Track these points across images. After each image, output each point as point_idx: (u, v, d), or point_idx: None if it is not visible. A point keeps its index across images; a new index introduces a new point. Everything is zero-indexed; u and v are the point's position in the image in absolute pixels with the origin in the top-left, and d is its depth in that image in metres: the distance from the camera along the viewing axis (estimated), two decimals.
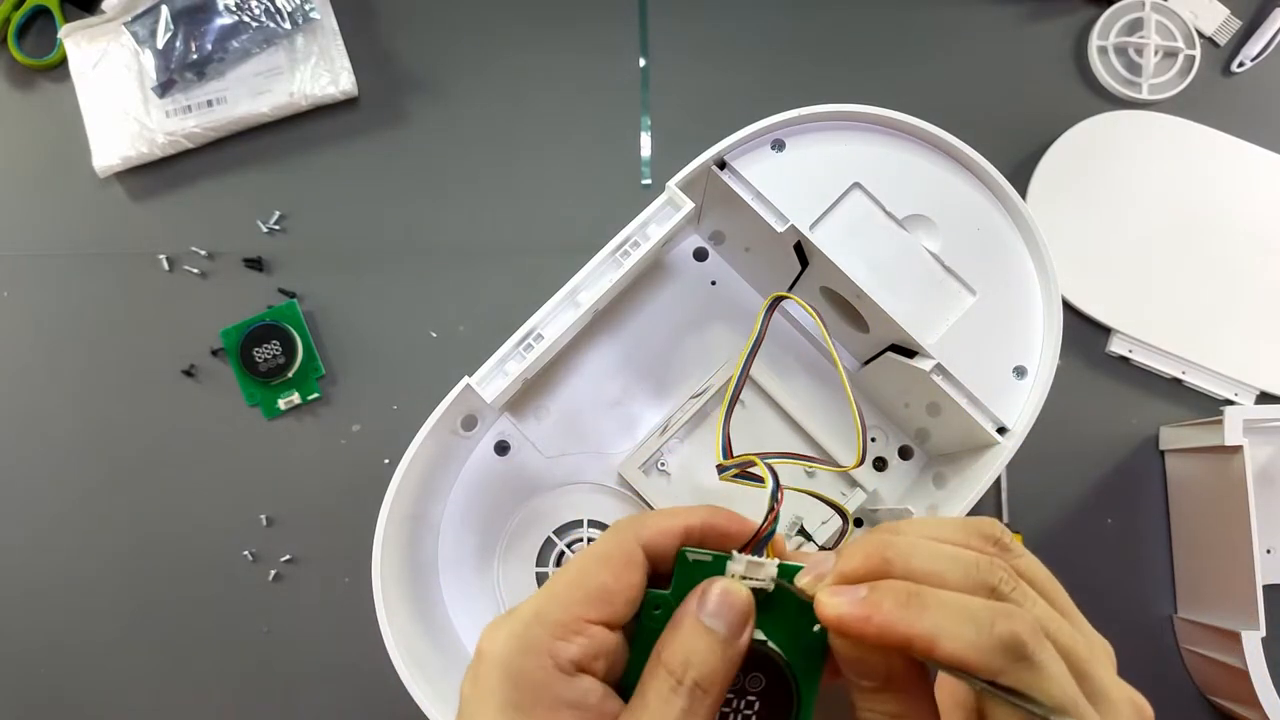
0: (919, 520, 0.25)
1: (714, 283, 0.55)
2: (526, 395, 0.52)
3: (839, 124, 0.46)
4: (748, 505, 0.27)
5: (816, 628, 0.24)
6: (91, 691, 0.55)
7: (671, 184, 0.45)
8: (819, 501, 0.33)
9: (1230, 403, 0.57)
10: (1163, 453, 0.57)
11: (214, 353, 0.56)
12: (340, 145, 0.59)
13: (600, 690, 0.23)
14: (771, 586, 0.24)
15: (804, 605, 0.24)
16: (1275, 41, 0.60)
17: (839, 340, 0.53)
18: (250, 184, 0.58)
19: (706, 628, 0.23)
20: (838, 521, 0.48)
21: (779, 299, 0.32)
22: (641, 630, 0.24)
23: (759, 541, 0.25)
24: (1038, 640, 0.20)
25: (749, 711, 0.25)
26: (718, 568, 0.25)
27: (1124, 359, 0.57)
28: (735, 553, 0.25)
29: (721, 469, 0.29)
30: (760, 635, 0.24)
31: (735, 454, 0.29)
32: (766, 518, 0.25)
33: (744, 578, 0.24)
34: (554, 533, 0.51)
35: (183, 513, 0.56)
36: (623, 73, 0.59)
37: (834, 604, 0.22)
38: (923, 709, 0.23)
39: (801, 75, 0.60)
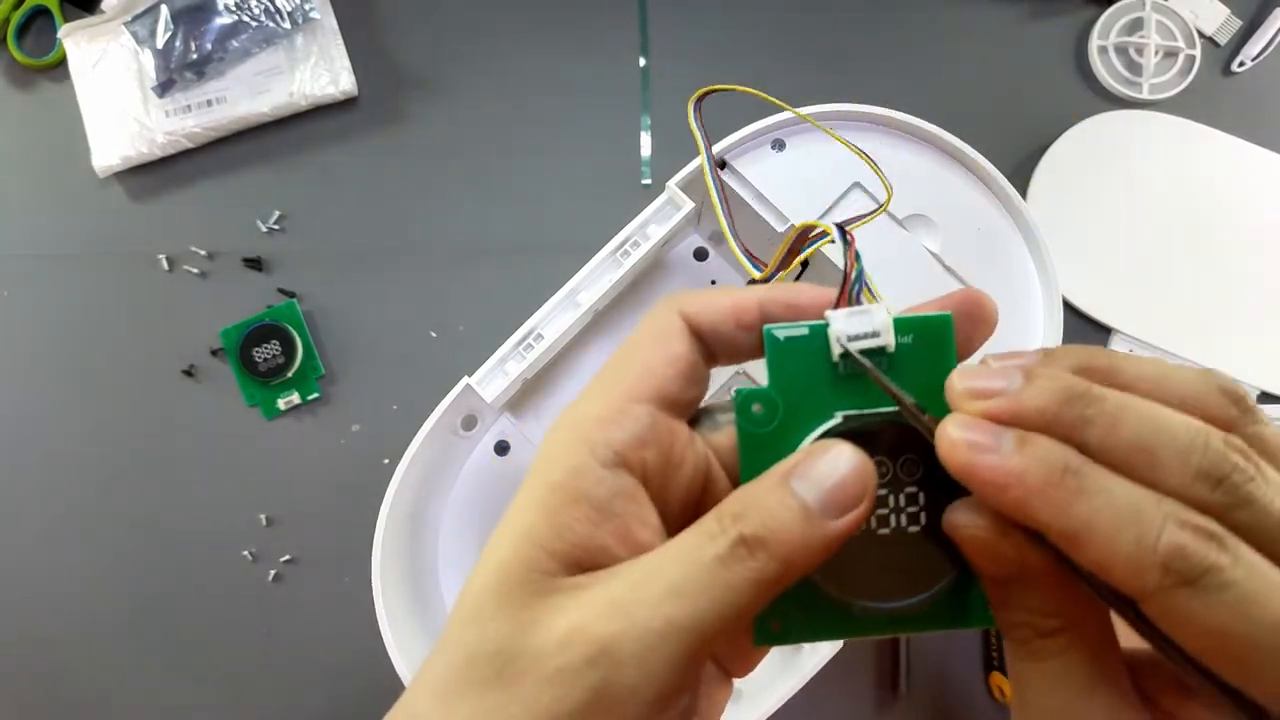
0: (1142, 360, 0.18)
1: (714, 282, 0.55)
2: (526, 395, 0.52)
3: (839, 124, 0.46)
4: None
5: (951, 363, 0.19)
6: (91, 691, 0.55)
7: (671, 184, 0.45)
8: None
9: None
10: None
11: (214, 353, 0.56)
12: (340, 145, 0.59)
13: (637, 494, 0.19)
14: (891, 342, 0.19)
15: (939, 361, 0.19)
16: (1276, 41, 0.60)
17: None
18: (250, 184, 0.58)
19: (791, 489, 0.18)
20: None
21: (703, 95, 0.30)
22: (743, 439, 0.20)
23: (850, 287, 0.20)
24: (1210, 564, 0.15)
25: (913, 508, 0.19)
26: (817, 339, 0.19)
27: None
28: (829, 312, 0.20)
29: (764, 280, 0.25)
30: (898, 404, 0.19)
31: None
32: (845, 258, 0.20)
33: (854, 338, 0.19)
34: None
35: (182, 513, 0.56)
36: (623, 73, 0.59)
37: (964, 447, 0.17)
38: (1087, 611, 0.18)
39: (801, 75, 0.60)
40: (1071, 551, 0.16)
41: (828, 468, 0.18)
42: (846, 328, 0.19)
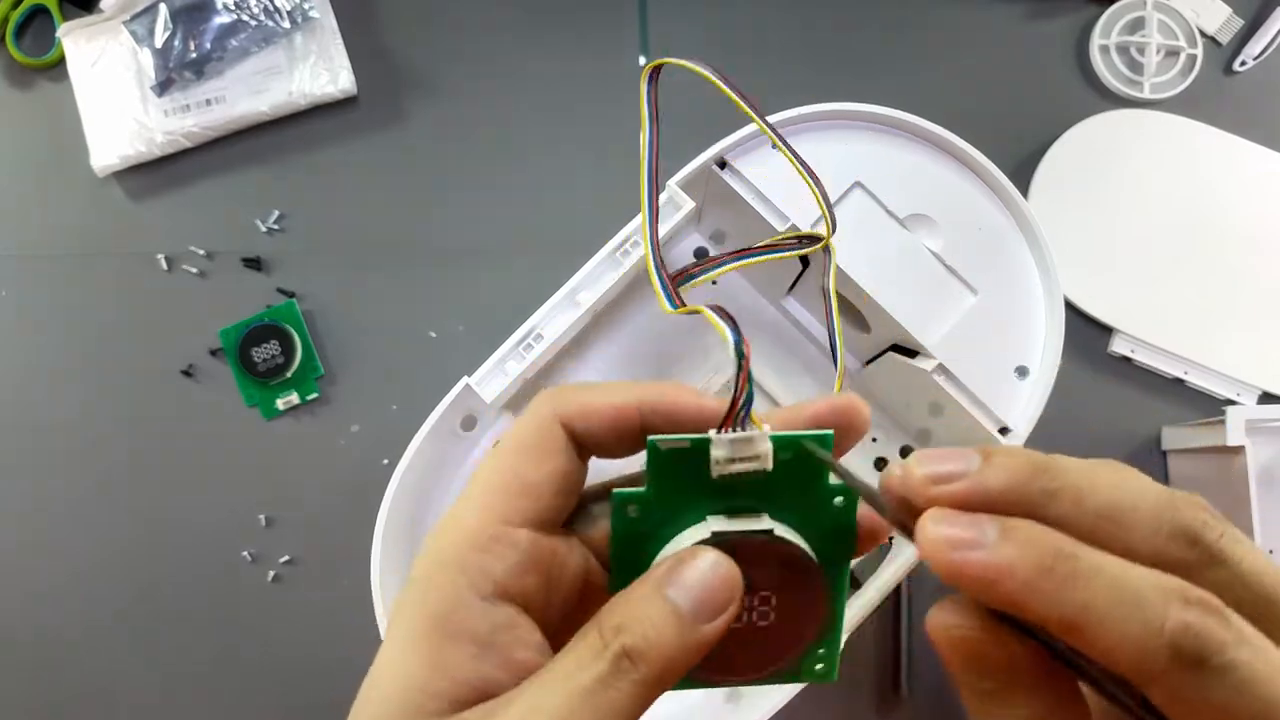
0: (1093, 468, 0.17)
1: (714, 282, 0.54)
2: (526, 395, 0.52)
3: (839, 124, 0.46)
4: None
5: (838, 500, 0.20)
6: (90, 691, 0.54)
7: (671, 184, 0.45)
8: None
9: (1232, 403, 0.57)
10: (1165, 453, 0.57)
11: (213, 353, 0.56)
12: (340, 144, 0.58)
13: (518, 622, 0.19)
14: (770, 465, 0.20)
15: (812, 474, 0.20)
16: (1277, 41, 0.59)
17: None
18: (249, 184, 0.58)
19: (666, 598, 0.18)
20: None
21: (658, 67, 0.30)
22: (616, 539, 0.20)
23: (737, 412, 0.20)
24: (1218, 646, 0.15)
25: (765, 608, 0.20)
26: (698, 454, 0.20)
27: (1126, 359, 0.57)
28: (713, 432, 0.20)
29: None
30: (766, 524, 0.20)
31: (682, 297, 0.26)
32: (738, 379, 0.20)
33: (733, 460, 0.20)
34: None
35: (182, 513, 0.55)
36: (623, 73, 0.59)
37: (946, 545, 0.16)
38: (1071, 707, 0.17)
39: (801, 75, 0.60)
40: (1073, 641, 0.16)
41: (698, 575, 0.18)
42: (728, 453, 0.20)
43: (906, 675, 0.54)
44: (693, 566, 0.18)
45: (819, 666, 0.21)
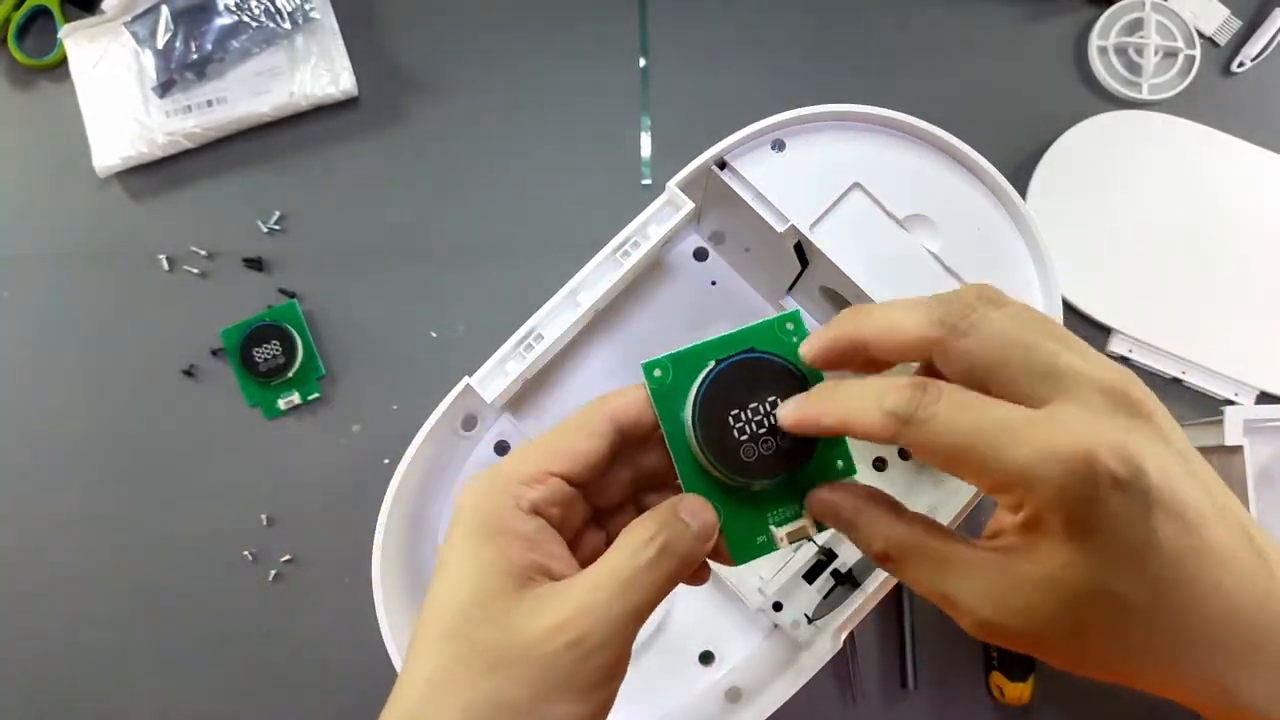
0: (883, 307, 0.27)
1: (714, 283, 0.55)
2: (526, 395, 0.52)
3: (839, 124, 0.46)
4: None
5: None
6: (91, 691, 0.55)
7: (671, 184, 0.45)
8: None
9: (1230, 403, 0.57)
10: None
11: (214, 353, 0.56)
12: (340, 145, 0.59)
13: (549, 531, 0.26)
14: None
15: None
16: (1275, 41, 0.60)
17: None
18: (250, 184, 0.58)
19: (686, 523, 0.26)
20: None
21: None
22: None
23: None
24: (916, 405, 0.23)
25: (773, 409, 0.28)
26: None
27: (1124, 359, 0.57)
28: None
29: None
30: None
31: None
32: None
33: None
34: None
35: (183, 513, 0.56)
36: (623, 73, 0.59)
37: (783, 415, 0.27)
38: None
39: (801, 75, 0.60)
40: (848, 433, 0.25)
41: (701, 512, 0.27)
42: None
43: (913, 669, 0.54)
44: (698, 506, 0.27)
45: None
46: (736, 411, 0.27)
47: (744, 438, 0.27)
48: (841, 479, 0.28)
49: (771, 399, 0.27)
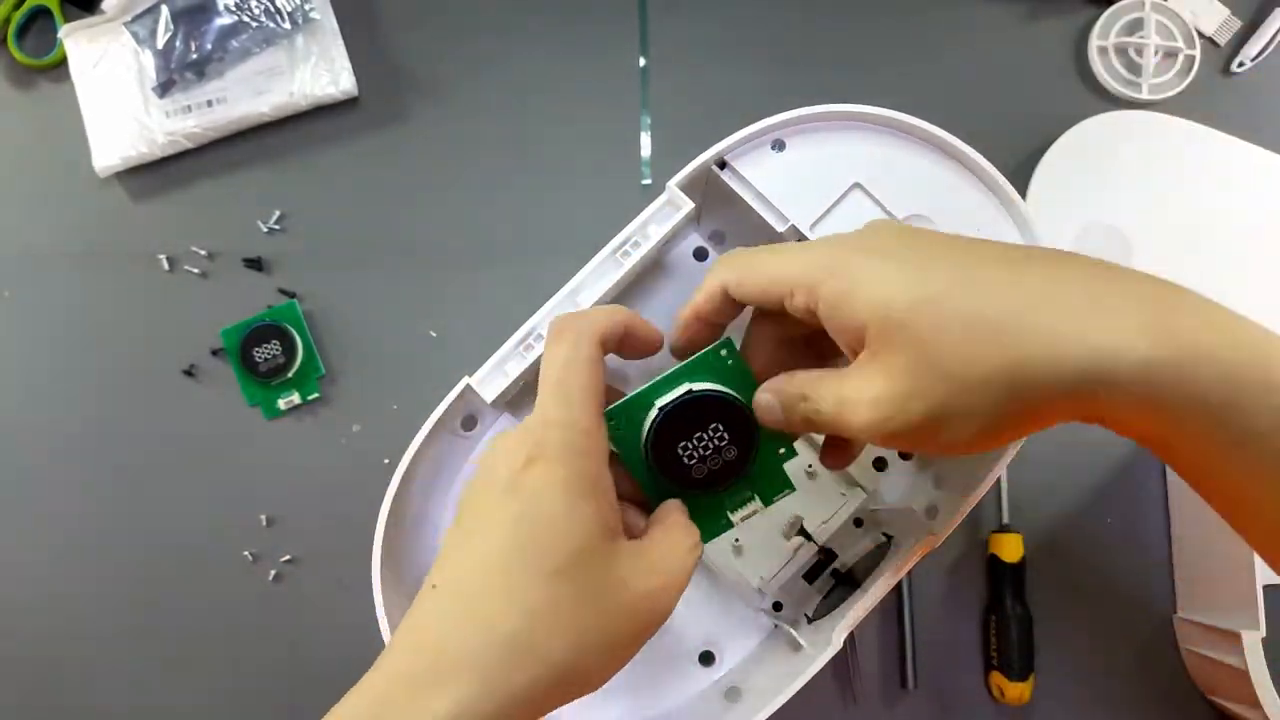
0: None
1: None
2: (526, 395, 0.52)
3: (839, 124, 0.46)
4: None
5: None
6: (91, 691, 0.55)
7: (671, 184, 0.45)
8: (819, 500, 0.36)
9: None
10: None
11: (214, 353, 0.56)
12: (340, 145, 0.59)
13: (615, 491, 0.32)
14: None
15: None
16: (1275, 41, 0.60)
17: None
18: (250, 184, 0.58)
19: (688, 532, 0.34)
20: (837, 522, 0.48)
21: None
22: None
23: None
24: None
25: (718, 435, 0.33)
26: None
27: None
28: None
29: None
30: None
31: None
32: None
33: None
34: None
35: (182, 513, 0.56)
36: (623, 73, 0.59)
37: (674, 337, 0.37)
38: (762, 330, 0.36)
39: (801, 75, 0.60)
40: (697, 310, 0.36)
41: (680, 512, 0.34)
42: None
43: (913, 669, 0.54)
44: (685, 515, 0.34)
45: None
46: (684, 443, 0.33)
47: (694, 461, 0.33)
48: (785, 462, 0.35)
49: (713, 425, 0.33)
